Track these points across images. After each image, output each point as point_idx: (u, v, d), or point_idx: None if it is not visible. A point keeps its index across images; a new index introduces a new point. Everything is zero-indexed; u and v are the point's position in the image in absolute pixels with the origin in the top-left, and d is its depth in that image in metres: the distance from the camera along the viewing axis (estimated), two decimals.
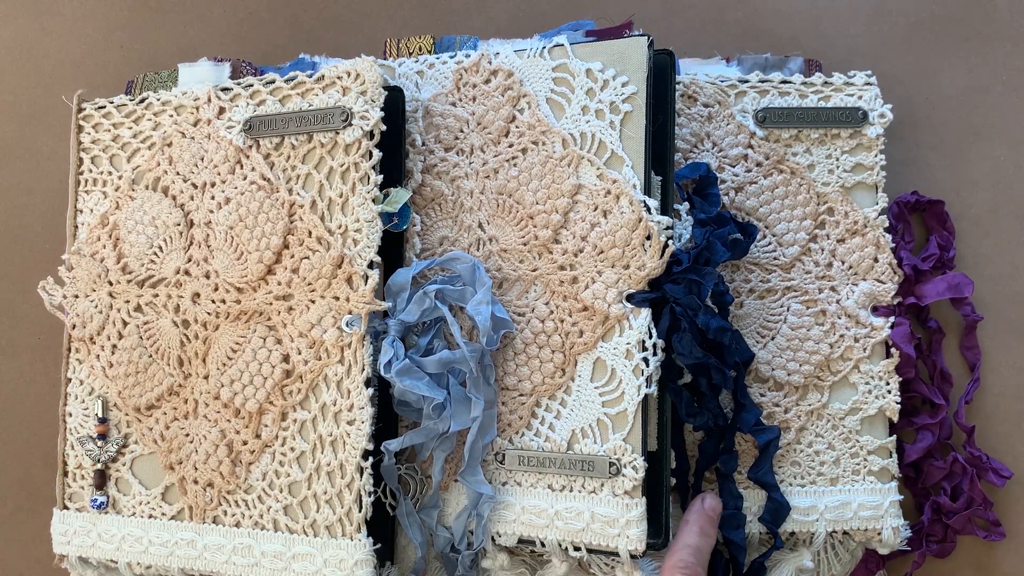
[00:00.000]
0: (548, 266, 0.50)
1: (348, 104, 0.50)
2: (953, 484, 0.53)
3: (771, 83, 0.54)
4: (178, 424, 0.53)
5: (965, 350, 0.56)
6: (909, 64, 0.59)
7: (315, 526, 0.49)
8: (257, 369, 0.51)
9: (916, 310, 0.55)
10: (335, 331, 0.49)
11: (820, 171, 0.53)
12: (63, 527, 0.55)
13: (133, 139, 0.56)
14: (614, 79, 0.50)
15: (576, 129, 0.50)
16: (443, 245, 0.53)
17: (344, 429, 0.49)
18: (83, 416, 0.56)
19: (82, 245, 0.56)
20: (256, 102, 0.53)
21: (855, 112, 0.53)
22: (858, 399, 0.52)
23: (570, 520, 0.48)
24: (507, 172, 0.51)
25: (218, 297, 0.52)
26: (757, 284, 0.53)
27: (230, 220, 0.52)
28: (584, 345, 0.49)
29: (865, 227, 0.53)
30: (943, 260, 0.56)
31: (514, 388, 0.50)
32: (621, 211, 0.49)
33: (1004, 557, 0.54)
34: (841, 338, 0.52)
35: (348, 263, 0.49)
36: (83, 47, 0.67)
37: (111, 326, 0.55)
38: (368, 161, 0.49)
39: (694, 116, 0.54)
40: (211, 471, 0.52)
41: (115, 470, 0.55)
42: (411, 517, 0.51)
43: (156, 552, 0.53)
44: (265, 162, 0.52)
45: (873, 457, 0.51)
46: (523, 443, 0.50)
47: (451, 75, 0.53)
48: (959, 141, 0.58)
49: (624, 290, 0.49)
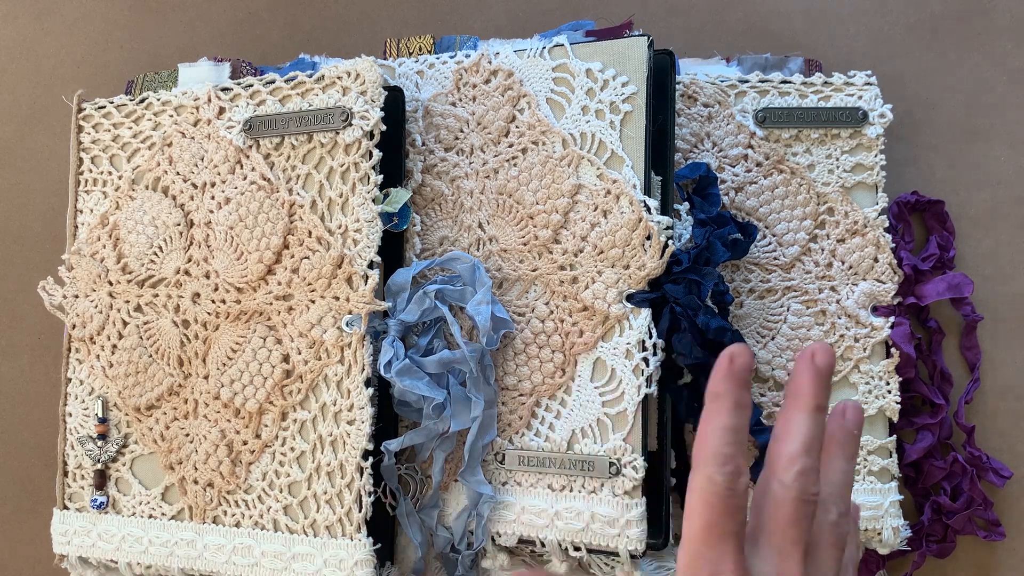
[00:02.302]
0: (548, 266, 0.50)
1: (348, 104, 0.50)
2: (953, 484, 0.53)
3: (771, 83, 0.54)
4: (178, 424, 0.53)
5: (965, 350, 0.56)
6: (909, 64, 0.59)
7: (315, 526, 0.49)
8: (257, 369, 0.51)
9: (916, 310, 0.55)
10: (335, 331, 0.49)
11: (820, 171, 0.53)
12: (63, 527, 0.55)
13: (133, 139, 0.56)
14: (614, 79, 0.50)
15: (576, 129, 0.50)
16: (443, 245, 0.53)
17: (344, 429, 0.49)
18: (83, 416, 0.56)
19: (82, 245, 0.56)
20: (256, 102, 0.53)
21: (855, 112, 0.53)
22: (858, 399, 0.52)
23: (570, 520, 0.48)
24: (507, 172, 0.51)
25: (218, 297, 0.52)
26: (757, 284, 0.53)
27: (230, 220, 0.52)
28: (584, 345, 0.49)
29: (865, 227, 0.53)
30: (943, 260, 0.56)
31: (514, 388, 0.50)
32: (621, 211, 0.49)
33: (1004, 557, 0.54)
34: (841, 338, 0.52)
35: (348, 263, 0.49)
36: (83, 47, 0.67)
37: (111, 326, 0.55)
38: (368, 161, 0.49)
39: (694, 116, 0.54)
40: (211, 471, 0.52)
41: (115, 470, 0.55)
42: (411, 517, 0.51)
43: (156, 552, 0.53)
44: (265, 162, 0.52)
45: (873, 457, 0.51)
46: (523, 443, 0.50)
47: (451, 75, 0.53)
48: (959, 141, 0.58)
49: (624, 290, 0.49)
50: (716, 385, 0.33)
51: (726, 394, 0.33)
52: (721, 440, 0.32)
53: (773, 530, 0.33)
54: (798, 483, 0.32)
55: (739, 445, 0.33)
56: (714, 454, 0.32)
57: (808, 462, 0.33)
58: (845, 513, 0.34)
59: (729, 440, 0.32)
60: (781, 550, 0.32)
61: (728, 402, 0.33)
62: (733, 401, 0.33)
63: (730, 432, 0.33)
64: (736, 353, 0.33)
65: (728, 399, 0.33)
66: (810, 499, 0.32)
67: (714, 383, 0.33)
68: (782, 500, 0.32)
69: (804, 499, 0.32)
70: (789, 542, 0.32)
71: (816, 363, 0.34)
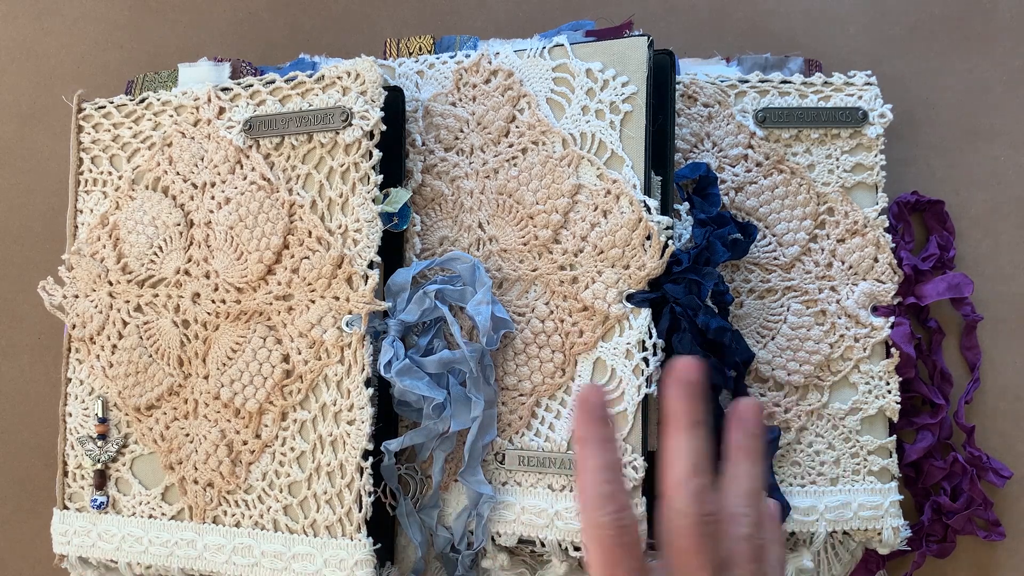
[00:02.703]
0: (548, 266, 0.50)
1: (348, 104, 0.50)
2: (953, 484, 0.53)
3: (771, 83, 0.54)
4: (178, 424, 0.53)
5: (965, 350, 0.56)
6: (909, 64, 0.59)
7: (315, 526, 0.49)
8: (257, 369, 0.51)
9: (916, 310, 0.55)
10: (335, 331, 0.49)
11: (820, 171, 0.53)
12: (63, 527, 0.55)
13: (133, 139, 0.56)
14: (614, 79, 0.50)
15: (576, 129, 0.50)
16: (443, 245, 0.53)
17: (344, 429, 0.49)
18: (83, 416, 0.56)
19: (82, 245, 0.56)
20: (256, 102, 0.53)
21: (855, 112, 0.53)
22: (858, 399, 0.52)
23: (570, 520, 0.48)
24: (507, 172, 0.51)
25: (218, 297, 0.52)
26: (757, 284, 0.53)
27: (230, 220, 0.52)
28: (584, 345, 0.49)
29: (865, 227, 0.53)
30: (943, 260, 0.56)
31: (514, 388, 0.50)
32: (621, 211, 0.49)
33: (1004, 557, 0.54)
34: (841, 338, 0.52)
35: (348, 263, 0.49)
36: (83, 47, 0.67)
37: (111, 326, 0.55)
38: (368, 161, 0.49)
39: (694, 116, 0.54)
40: (211, 471, 0.52)
41: (115, 470, 0.55)
42: (411, 517, 0.51)
43: (156, 552, 0.53)
44: (265, 162, 0.52)
45: (873, 457, 0.51)
46: (523, 443, 0.50)
47: (451, 75, 0.53)
48: (959, 141, 0.58)
49: (624, 290, 0.49)
50: (579, 431, 0.34)
51: (590, 436, 0.33)
52: (597, 481, 0.33)
53: (678, 559, 0.32)
54: (692, 506, 0.32)
55: (616, 482, 0.33)
56: (594, 496, 0.32)
57: (698, 482, 0.32)
58: (757, 522, 0.33)
59: (605, 478, 0.33)
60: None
61: (593, 443, 0.33)
62: (598, 440, 0.33)
63: (603, 471, 0.33)
64: (586, 394, 0.34)
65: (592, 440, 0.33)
66: (710, 520, 0.32)
67: (577, 429, 0.34)
68: (680, 527, 0.32)
69: (702, 522, 0.31)
70: (696, 568, 0.31)
71: (682, 379, 0.33)
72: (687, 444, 0.33)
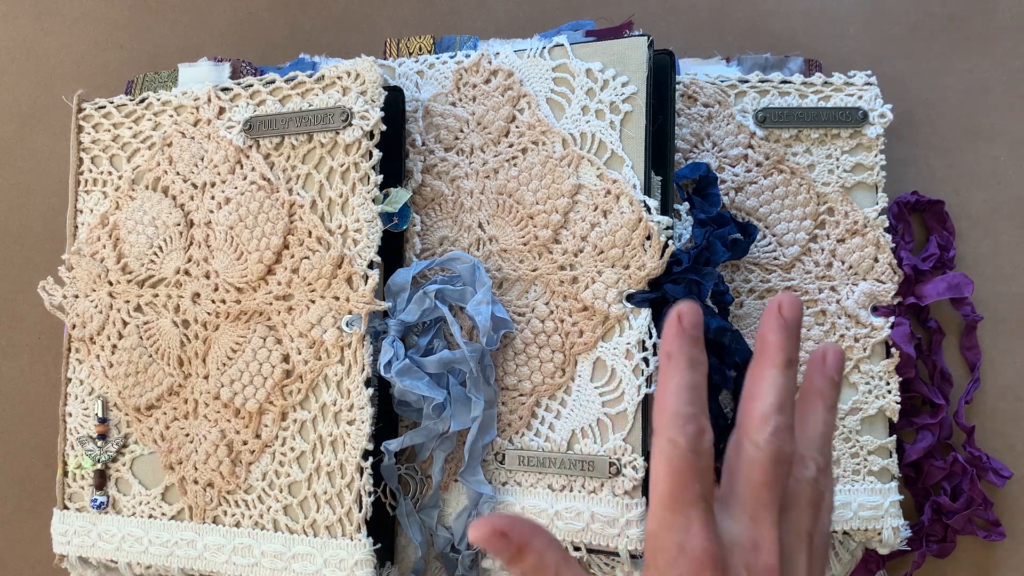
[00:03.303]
0: (548, 266, 0.50)
1: (348, 104, 0.50)
2: (953, 484, 0.53)
3: (771, 83, 0.54)
4: (178, 424, 0.53)
5: (965, 350, 0.56)
6: (909, 64, 0.59)
7: (315, 526, 0.49)
8: (257, 369, 0.51)
9: (916, 310, 0.55)
10: (335, 331, 0.49)
11: (820, 171, 0.53)
12: (63, 527, 0.55)
13: (133, 139, 0.56)
14: (614, 79, 0.50)
15: (576, 129, 0.50)
16: (443, 245, 0.53)
17: (344, 429, 0.49)
18: (83, 416, 0.56)
19: (82, 245, 0.56)
20: (256, 102, 0.53)
21: (855, 112, 0.53)
22: (858, 399, 0.52)
23: (570, 520, 0.48)
24: (507, 172, 0.51)
25: (218, 297, 0.52)
26: (757, 284, 0.53)
27: (230, 220, 0.52)
28: (584, 345, 0.49)
29: (865, 227, 0.53)
30: (943, 260, 0.56)
31: (514, 388, 0.50)
32: (621, 211, 0.49)
33: (1004, 557, 0.54)
34: (841, 338, 0.52)
35: (348, 263, 0.49)
36: (83, 47, 0.67)
37: (111, 326, 0.55)
38: (368, 161, 0.49)
39: (694, 116, 0.54)
40: (211, 471, 0.52)
41: (115, 470, 0.55)
42: (411, 517, 0.51)
43: (156, 552, 0.53)
44: (265, 162, 0.52)
45: (873, 457, 0.51)
46: (523, 443, 0.50)
47: (451, 75, 0.53)
48: (959, 141, 0.58)
49: (624, 290, 0.49)
50: (667, 345, 0.31)
51: (679, 352, 0.31)
52: (680, 399, 0.30)
53: (746, 492, 0.31)
54: (772, 443, 0.30)
55: (699, 403, 0.31)
56: (674, 415, 0.30)
57: (781, 420, 0.31)
58: (824, 468, 0.32)
59: (688, 399, 0.30)
60: (754, 513, 0.30)
61: (682, 360, 0.31)
62: (687, 358, 0.31)
63: (688, 390, 0.30)
64: (684, 312, 0.31)
65: (682, 357, 0.31)
66: (785, 459, 0.31)
67: (666, 343, 0.31)
68: (755, 461, 0.31)
69: (778, 459, 0.30)
70: (762, 505, 0.30)
71: (784, 316, 0.32)
72: (777, 380, 0.32)
